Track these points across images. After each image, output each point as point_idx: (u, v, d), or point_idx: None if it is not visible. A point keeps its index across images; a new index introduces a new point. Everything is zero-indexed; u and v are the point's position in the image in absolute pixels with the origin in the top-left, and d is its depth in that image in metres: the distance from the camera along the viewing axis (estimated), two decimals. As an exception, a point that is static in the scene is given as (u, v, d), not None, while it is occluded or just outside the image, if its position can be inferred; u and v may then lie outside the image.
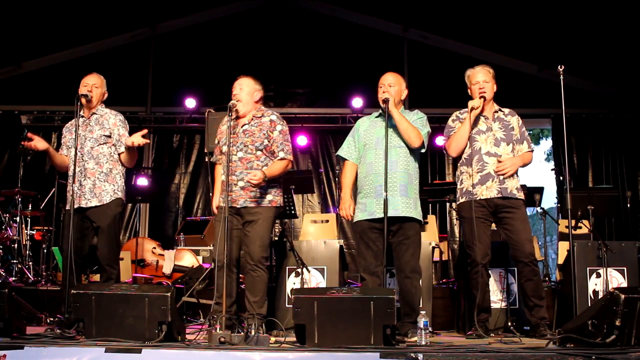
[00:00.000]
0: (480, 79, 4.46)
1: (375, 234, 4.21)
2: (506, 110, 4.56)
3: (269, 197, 4.32)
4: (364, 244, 4.25)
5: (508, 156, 4.43)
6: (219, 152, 4.52)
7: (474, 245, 4.34)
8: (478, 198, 4.37)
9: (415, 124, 4.29)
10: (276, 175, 4.32)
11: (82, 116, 4.60)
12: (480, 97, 4.39)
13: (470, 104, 4.38)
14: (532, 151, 4.56)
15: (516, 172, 4.45)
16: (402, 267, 4.21)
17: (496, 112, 4.53)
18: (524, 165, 4.49)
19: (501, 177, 4.37)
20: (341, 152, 4.53)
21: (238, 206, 4.25)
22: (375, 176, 4.22)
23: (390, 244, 4.28)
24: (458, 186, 4.56)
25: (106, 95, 4.72)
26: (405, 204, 4.19)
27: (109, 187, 4.53)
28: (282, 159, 4.33)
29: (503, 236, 4.44)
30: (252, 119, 4.40)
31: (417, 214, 4.26)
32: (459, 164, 4.58)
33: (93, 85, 4.61)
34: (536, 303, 4.33)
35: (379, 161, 4.20)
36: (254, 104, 4.43)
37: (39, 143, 4.55)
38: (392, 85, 4.35)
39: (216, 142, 4.55)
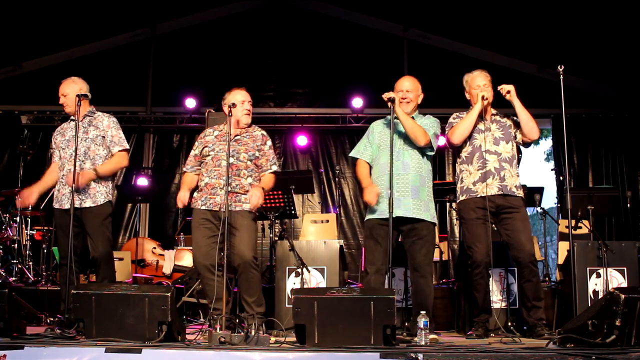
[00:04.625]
0: (481, 82, 4.48)
1: (385, 231, 4.19)
2: (502, 114, 4.60)
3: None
4: (374, 240, 4.24)
5: (508, 154, 4.44)
6: (196, 162, 4.48)
7: (475, 246, 4.34)
8: (478, 196, 4.38)
9: (424, 126, 4.31)
10: (269, 189, 4.48)
11: (73, 119, 4.58)
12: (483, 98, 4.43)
13: (481, 93, 4.41)
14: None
15: (517, 173, 4.47)
16: (416, 266, 4.19)
17: (493, 115, 4.57)
18: (526, 124, 4.41)
19: (502, 174, 4.39)
20: (353, 152, 4.53)
21: (223, 209, 4.23)
22: (387, 177, 4.21)
23: (401, 244, 4.31)
24: (458, 184, 4.56)
25: (89, 96, 4.63)
26: (416, 205, 4.20)
27: (103, 188, 4.57)
28: (273, 172, 4.47)
29: (503, 237, 4.44)
30: (245, 131, 4.46)
31: (429, 216, 4.26)
32: (458, 163, 4.59)
33: (62, 94, 4.60)
34: (534, 304, 4.33)
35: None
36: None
37: (28, 199, 4.57)
38: (409, 91, 4.39)
39: (196, 152, 4.49)
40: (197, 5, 9.26)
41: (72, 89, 4.58)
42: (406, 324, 4.53)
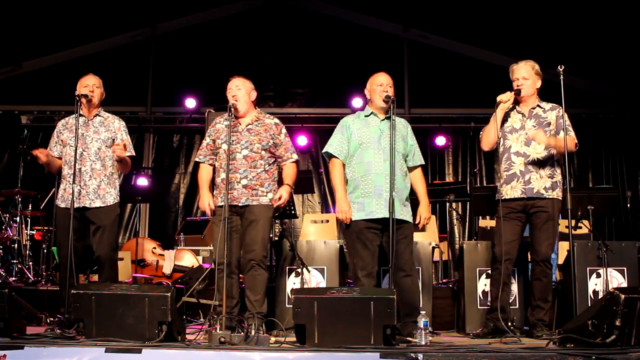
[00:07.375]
0: (520, 75, 4.40)
1: (372, 233, 4.19)
2: (547, 106, 4.44)
3: (270, 195, 4.35)
4: (361, 244, 4.20)
5: (538, 155, 4.33)
6: (209, 151, 4.49)
7: (496, 242, 4.38)
8: (503, 197, 4.35)
9: (414, 148, 4.39)
10: (294, 182, 4.47)
11: (83, 115, 4.60)
12: (514, 92, 4.35)
13: (499, 97, 4.35)
14: (572, 138, 4.33)
15: (548, 174, 4.34)
16: (402, 265, 4.17)
17: (534, 108, 4.43)
18: (565, 151, 4.19)
19: (526, 177, 4.33)
20: (330, 148, 4.37)
21: (240, 204, 4.26)
22: (375, 176, 4.19)
23: (382, 244, 4.27)
24: (498, 182, 4.59)
25: (104, 95, 4.74)
26: (402, 206, 4.21)
27: (112, 190, 4.62)
28: (294, 161, 4.46)
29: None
30: (256, 120, 4.43)
31: (409, 216, 4.29)
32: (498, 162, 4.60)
33: (94, 85, 4.62)
34: (538, 304, 4.34)
35: (379, 161, 4.20)
36: (251, 104, 4.47)
37: (42, 156, 4.54)
38: (391, 86, 4.35)
39: (209, 141, 4.50)
40: (197, 5, 9.26)
41: (99, 83, 4.66)
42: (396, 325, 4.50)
